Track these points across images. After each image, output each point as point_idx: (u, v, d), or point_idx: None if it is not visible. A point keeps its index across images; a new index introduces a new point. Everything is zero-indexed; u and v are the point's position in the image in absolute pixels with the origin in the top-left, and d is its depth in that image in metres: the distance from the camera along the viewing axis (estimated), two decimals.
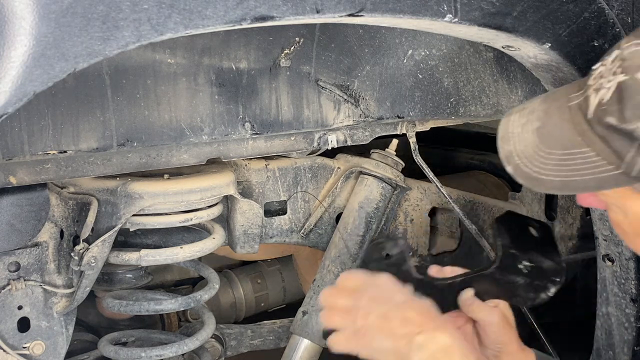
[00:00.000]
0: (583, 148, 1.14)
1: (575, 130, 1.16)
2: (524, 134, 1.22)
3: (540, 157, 1.19)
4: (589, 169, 1.14)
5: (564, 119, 1.18)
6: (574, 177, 1.15)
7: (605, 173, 1.12)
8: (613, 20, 1.52)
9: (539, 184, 1.19)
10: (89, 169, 1.49)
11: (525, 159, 1.21)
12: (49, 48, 1.03)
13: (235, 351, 2.10)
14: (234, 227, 1.76)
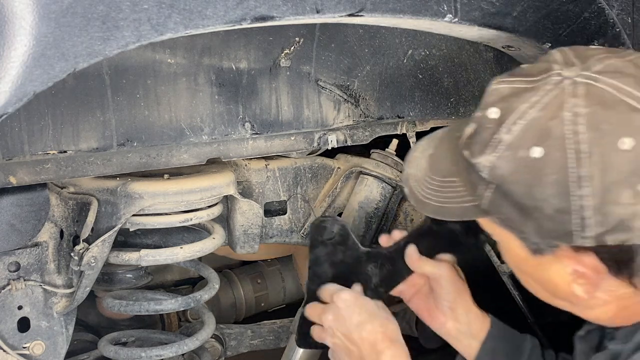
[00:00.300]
0: (454, 177, 1.22)
1: (452, 160, 1.23)
2: (421, 159, 1.30)
3: (426, 182, 1.26)
4: (456, 197, 1.21)
5: (449, 148, 1.25)
6: (445, 204, 1.23)
7: (466, 203, 1.20)
8: (613, 20, 1.52)
9: (423, 207, 1.28)
10: (89, 169, 1.49)
11: (416, 183, 1.29)
12: (49, 48, 1.03)
13: (235, 351, 2.10)
14: (234, 227, 1.76)
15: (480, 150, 1.14)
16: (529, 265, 1.22)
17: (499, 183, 1.13)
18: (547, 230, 1.12)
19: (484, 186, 1.16)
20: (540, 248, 1.17)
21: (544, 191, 1.09)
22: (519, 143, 1.10)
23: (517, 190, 1.11)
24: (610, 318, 1.25)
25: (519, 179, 1.11)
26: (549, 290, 1.25)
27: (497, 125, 1.13)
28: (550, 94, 1.11)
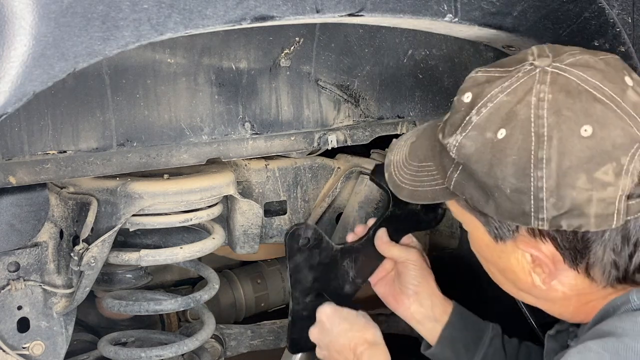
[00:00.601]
0: (429, 162, 1.27)
1: (430, 146, 1.28)
2: (404, 147, 1.35)
3: (405, 167, 1.32)
4: (430, 181, 1.27)
5: (428, 135, 1.31)
6: (419, 188, 1.29)
7: (437, 186, 1.26)
8: (613, 20, 1.52)
9: (399, 191, 1.33)
10: (89, 169, 1.49)
11: (396, 168, 1.34)
12: (48, 48, 1.03)
13: (235, 351, 2.10)
14: (234, 227, 1.76)
15: (451, 132, 1.20)
16: (492, 252, 1.27)
17: (465, 162, 1.18)
18: (506, 211, 1.16)
19: (453, 167, 1.21)
20: (502, 234, 1.21)
21: (504, 170, 1.13)
22: (486, 125, 1.15)
23: (480, 169, 1.15)
24: (572, 313, 1.27)
25: (482, 158, 1.15)
26: (510, 280, 1.29)
27: (469, 108, 1.18)
28: (520, 81, 1.16)
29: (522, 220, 1.15)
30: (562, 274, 1.20)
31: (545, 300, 1.28)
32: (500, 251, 1.24)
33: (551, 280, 1.21)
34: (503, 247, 1.23)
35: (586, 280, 1.20)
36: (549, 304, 1.29)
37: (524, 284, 1.25)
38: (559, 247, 1.17)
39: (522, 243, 1.20)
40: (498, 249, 1.24)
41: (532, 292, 1.27)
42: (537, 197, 1.12)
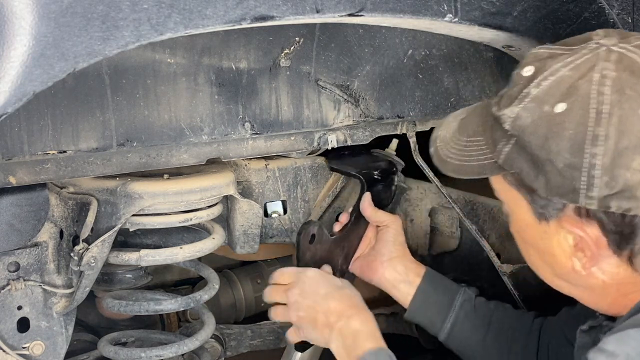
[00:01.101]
0: (479, 137, 1.26)
1: (481, 121, 1.27)
2: (453, 122, 1.34)
3: (453, 142, 1.30)
4: (478, 156, 1.25)
5: (480, 112, 1.29)
6: (465, 162, 1.27)
7: (486, 161, 1.24)
8: (613, 20, 1.52)
9: (444, 166, 1.31)
10: (89, 169, 1.49)
11: (443, 143, 1.32)
12: (48, 48, 1.03)
13: (235, 351, 2.10)
14: (234, 227, 1.76)
15: (507, 103, 1.18)
16: (533, 233, 1.24)
17: (519, 134, 1.16)
18: (556, 186, 1.14)
19: (505, 141, 1.19)
20: (546, 213, 1.19)
21: (559, 144, 1.12)
22: (545, 98, 1.14)
23: (534, 142, 1.14)
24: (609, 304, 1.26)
25: (538, 131, 1.14)
26: (548, 264, 1.26)
27: (528, 81, 1.17)
28: (584, 57, 1.15)
29: (570, 198, 1.13)
30: (604, 260, 1.18)
31: (582, 288, 1.25)
32: (542, 232, 1.22)
33: (592, 266, 1.19)
34: (546, 228, 1.21)
35: (628, 269, 1.18)
36: (587, 292, 1.26)
37: (563, 269, 1.23)
38: (604, 230, 1.15)
39: (567, 223, 1.17)
40: (540, 230, 1.22)
41: (569, 278, 1.24)
42: (590, 174, 1.10)
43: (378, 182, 1.82)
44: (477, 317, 1.70)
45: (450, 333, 1.71)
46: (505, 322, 1.70)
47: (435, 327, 1.72)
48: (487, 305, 1.72)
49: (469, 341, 1.70)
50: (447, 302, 1.71)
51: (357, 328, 1.49)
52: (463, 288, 1.73)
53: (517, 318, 1.71)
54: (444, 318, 1.70)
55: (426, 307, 1.71)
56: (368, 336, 1.48)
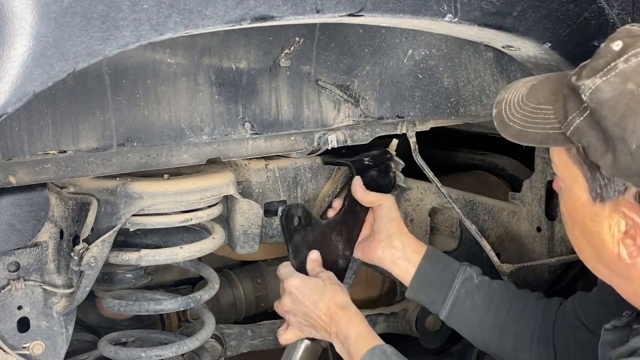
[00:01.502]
0: (548, 105, 1.23)
1: (553, 90, 1.24)
2: (522, 87, 1.31)
3: (519, 107, 1.27)
4: (543, 124, 1.22)
5: (553, 81, 1.26)
6: (529, 129, 1.24)
7: (551, 130, 1.21)
8: (613, 20, 1.52)
9: (505, 129, 1.29)
10: (89, 169, 1.49)
11: (508, 106, 1.29)
12: (48, 48, 1.03)
13: (235, 351, 2.10)
14: (234, 227, 1.76)
15: (589, 74, 1.14)
16: (585, 213, 1.22)
17: (595, 107, 1.13)
18: (624, 167, 1.11)
19: (578, 112, 1.16)
20: (604, 194, 1.17)
21: (637, 124, 1.09)
22: (632, 75, 1.11)
23: (610, 118, 1.11)
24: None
25: (616, 107, 1.11)
26: (594, 247, 1.24)
27: (616, 55, 1.13)
28: None
29: (636, 181, 1.11)
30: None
31: (623, 276, 1.24)
32: (595, 213, 1.20)
33: (638, 255, 1.17)
34: (599, 210, 1.19)
35: None
36: (626, 282, 1.24)
37: (608, 254, 1.21)
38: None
39: (625, 207, 1.15)
40: (593, 211, 1.20)
41: (611, 264, 1.23)
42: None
43: (370, 168, 1.84)
44: (478, 296, 1.69)
45: (450, 312, 1.71)
46: (506, 301, 1.69)
47: (436, 306, 1.72)
48: (489, 284, 1.71)
49: (469, 320, 1.70)
50: (448, 281, 1.71)
51: (348, 333, 1.59)
52: (464, 266, 1.73)
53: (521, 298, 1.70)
54: (444, 297, 1.71)
55: (427, 285, 1.72)
56: (359, 339, 1.57)
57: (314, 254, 1.77)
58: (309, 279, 1.71)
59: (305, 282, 1.69)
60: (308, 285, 1.68)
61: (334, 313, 1.63)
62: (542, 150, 2.31)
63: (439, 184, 1.94)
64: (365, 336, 1.58)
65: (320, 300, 1.65)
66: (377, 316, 2.19)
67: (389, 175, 1.88)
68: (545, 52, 1.54)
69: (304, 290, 1.68)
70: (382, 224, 1.76)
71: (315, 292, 1.66)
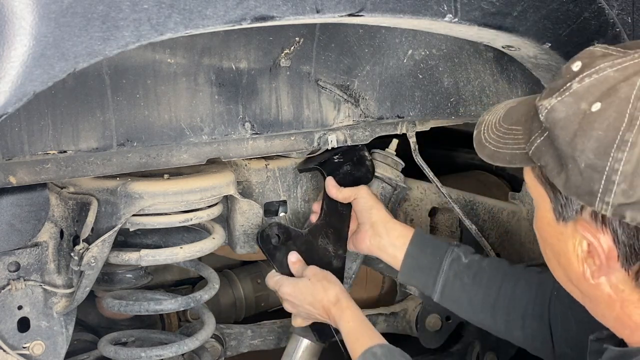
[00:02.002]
0: (519, 126, 1.25)
1: (525, 111, 1.26)
2: (501, 110, 1.34)
3: (495, 128, 1.30)
4: (513, 144, 1.25)
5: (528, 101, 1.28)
6: (500, 149, 1.27)
7: (518, 150, 1.24)
8: (613, 20, 1.52)
9: (481, 149, 1.32)
10: (89, 169, 1.49)
11: (486, 128, 1.33)
12: (48, 48, 1.03)
13: (235, 351, 2.10)
14: (234, 227, 1.76)
15: (548, 95, 1.17)
16: (552, 233, 1.24)
17: (550, 127, 1.15)
18: (574, 185, 1.13)
19: (538, 133, 1.19)
20: (565, 213, 1.18)
21: (586, 143, 1.10)
22: (584, 95, 1.13)
23: (563, 137, 1.13)
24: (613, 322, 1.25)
25: (568, 126, 1.12)
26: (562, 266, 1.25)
27: (573, 76, 1.15)
28: (633, 61, 1.13)
29: (586, 200, 1.12)
30: (612, 272, 1.17)
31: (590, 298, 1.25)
32: (560, 233, 1.22)
33: (599, 276, 1.18)
34: (563, 229, 1.20)
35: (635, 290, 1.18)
36: (593, 303, 1.26)
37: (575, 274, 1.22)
38: (617, 241, 1.14)
39: (582, 227, 1.16)
40: (558, 230, 1.22)
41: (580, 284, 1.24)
42: (610, 179, 1.09)
43: (343, 164, 1.84)
44: (467, 276, 1.71)
45: (442, 293, 1.73)
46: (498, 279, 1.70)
47: (428, 289, 1.75)
48: (479, 263, 1.73)
49: (460, 300, 1.73)
50: (436, 264, 1.73)
51: (343, 330, 1.66)
52: (452, 247, 1.75)
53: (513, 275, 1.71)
54: (434, 280, 1.73)
55: (416, 270, 1.75)
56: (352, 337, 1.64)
57: (293, 256, 1.79)
58: (298, 282, 1.74)
59: (295, 286, 1.74)
60: (299, 289, 1.73)
61: (328, 310, 1.69)
62: None
63: (439, 184, 1.94)
64: (358, 335, 1.63)
65: (315, 300, 1.71)
66: (377, 316, 2.19)
67: (364, 165, 1.87)
68: (545, 52, 1.54)
69: (296, 295, 1.74)
70: (363, 215, 1.79)
71: (308, 294, 1.72)
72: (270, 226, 1.77)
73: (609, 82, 1.12)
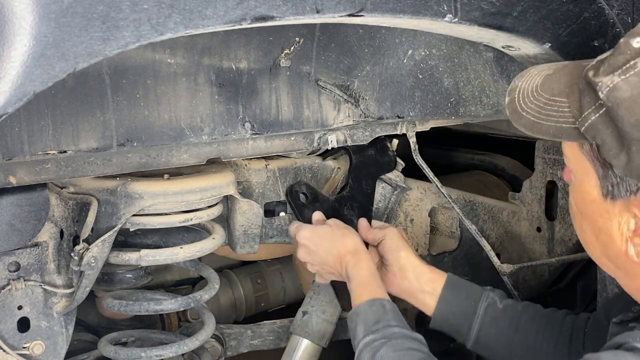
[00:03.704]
0: (563, 98, 1.20)
1: (569, 82, 1.21)
2: (536, 76, 1.28)
3: (533, 97, 1.25)
4: (557, 117, 1.20)
5: (569, 72, 1.23)
6: (542, 121, 1.22)
7: (565, 124, 1.19)
8: (613, 20, 1.52)
9: (517, 118, 1.27)
10: (89, 169, 1.49)
11: (522, 95, 1.27)
12: (49, 48, 1.03)
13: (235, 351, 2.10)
14: (234, 227, 1.76)
15: (608, 71, 1.12)
16: (595, 209, 1.21)
17: (612, 106, 1.10)
18: (637, 168, 1.10)
19: (593, 109, 1.14)
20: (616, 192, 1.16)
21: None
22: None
23: (628, 118, 1.09)
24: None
25: (634, 107, 1.09)
26: (601, 242, 1.23)
27: (636, 53, 1.10)
28: None
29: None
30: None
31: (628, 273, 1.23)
32: (605, 210, 1.18)
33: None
34: (610, 207, 1.17)
35: None
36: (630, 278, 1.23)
37: (615, 251, 1.20)
38: None
39: (637, 207, 1.14)
40: (603, 208, 1.19)
41: (618, 261, 1.21)
42: None
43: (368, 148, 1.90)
44: (504, 321, 1.66)
45: (477, 340, 1.67)
46: (534, 323, 1.65)
47: (462, 336, 1.69)
48: (514, 307, 1.68)
49: (497, 346, 1.67)
50: (471, 310, 1.67)
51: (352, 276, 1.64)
52: (487, 292, 1.69)
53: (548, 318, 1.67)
54: (469, 326, 1.67)
55: (450, 316, 1.69)
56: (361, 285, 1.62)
57: (317, 214, 1.80)
58: (318, 227, 1.75)
59: (315, 230, 1.74)
60: (318, 234, 1.73)
61: (343, 257, 1.68)
62: (542, 151, 2.31)
63: (439, 184, 1.94)
64: (367, 283, 1.61)
65: (332, 246, 1.70)
66: None
67: (387, 154, 1.94)
68: (545, 52, 1.54)
69: (314, 239, 1.73)
70: (391, 257, 1.75)
71: (326, 239, 1.71)
72: (298, 183, 1.83)
73: None
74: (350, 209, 1.88)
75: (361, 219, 1.85)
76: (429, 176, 1.93)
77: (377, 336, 1.46)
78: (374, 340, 1.46)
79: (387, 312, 1.51)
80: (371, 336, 1.47)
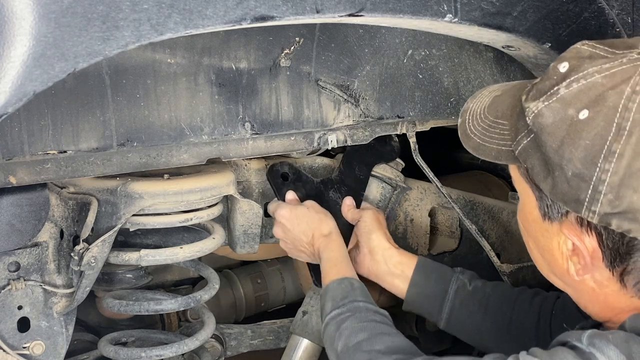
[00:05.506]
0: (504, 120, 1.23)
1: (511, 104, 1.24)
2: (486, 97, 1.31)
3: (480, 119, 1.28)
4: (499, 139, 1.23)
5: (514, 94, 1.26)
6: (486, 143, 1.25)
7: (504, 147, 1.22)
8: (613, 20, 1.52)
9: (467, 140, 1.30)
10: (89, 169, 1.49)
11: (471, 117, 1.30)
12: (49, 48, 1.03)
13: (235, 351, 2.10)
14: (234, 227, 1.76)
15: (535, 97, 1.15)
16: (537, 229, 1.24)
17: (537, 132, 1.14)
18: (561, 192, 1.13)
19: (524, 133, 1.17)
20: (550, 214, 1.19)
21: (573, 152, 1.10)
22: (572, 101, 1.11)
23: (550, 143, 1.12)
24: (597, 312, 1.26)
25: (556, 133, 1.11)
26: (547, 261, 1.27)
27: (561, 78, 1.13)
28: (622, 67, 1.11)
29: (573, 207, 1.12)
30: (597, 271, 1.18)
31: (575, 289, 1.26)
32: (545, 230, 1.22)
33: (584, 274, 1.19)
34: (548, 227, 1.21)
35: (617, 285, 1.19)
36: (577, 294, 1.27)
37: (559, 269, 1.23)
38: (602, 244, 1.14)
39: (567, 229, 1.17)
40: (543, 227, 1.22)
41: (563, 278, 1.25)
42: (596, 188, 1.08)
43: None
44: (474, 303, 1.71)
45: (448, 321, 1.73)
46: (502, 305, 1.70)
47: (433, 317, 1.75)
48: (483, 289, 1.72)
49: (467, 327, 1.72)
50: (441, 292, 1.73)
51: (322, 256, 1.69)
52: (456, 274, 1.75)
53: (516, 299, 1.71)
54: (439, 309, 1.73)
55: (421, 298, 1.74)
56: (331, 264, 1.66)
57: (290, 194, 1.81)
58: (296, 207, 1.76)
59: (293, 211, 1.75)
60: (296, 214, 1.75)
61: (316, 240, 1.72)
62: None
63: (439, 184, 1.94)
64: (337, 263, 1.66)
65: (308, 227, 1.73)
66: None
67: (390, 144, 1.93)
68: (545, 52, 1.54)
69: (292, 219, 1.75)
70: (362, 239, 1.80)
71: (303, 221, 1.74)
72: (281, 163, 1.82)
73: (597, 89, 1.10)
74: (337, 192, 1.87)
75: (347, 197, 1.86)
76: (429, 176, 1.93)
77: (343, 310, 1.51)
78: (339, 314, 1.50)
79: (355, 289, 1.56)
80: (337, 310, 1.51)
